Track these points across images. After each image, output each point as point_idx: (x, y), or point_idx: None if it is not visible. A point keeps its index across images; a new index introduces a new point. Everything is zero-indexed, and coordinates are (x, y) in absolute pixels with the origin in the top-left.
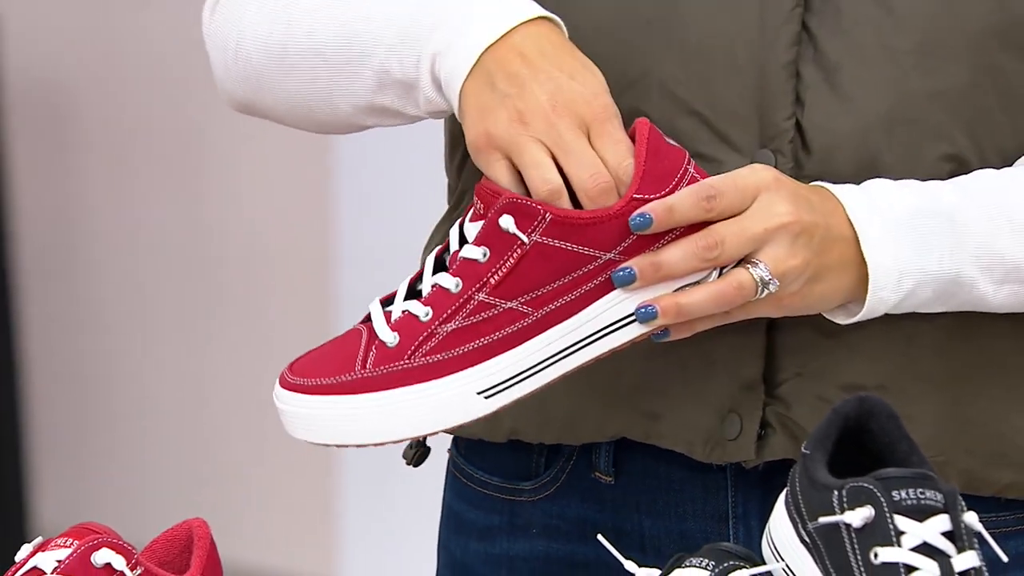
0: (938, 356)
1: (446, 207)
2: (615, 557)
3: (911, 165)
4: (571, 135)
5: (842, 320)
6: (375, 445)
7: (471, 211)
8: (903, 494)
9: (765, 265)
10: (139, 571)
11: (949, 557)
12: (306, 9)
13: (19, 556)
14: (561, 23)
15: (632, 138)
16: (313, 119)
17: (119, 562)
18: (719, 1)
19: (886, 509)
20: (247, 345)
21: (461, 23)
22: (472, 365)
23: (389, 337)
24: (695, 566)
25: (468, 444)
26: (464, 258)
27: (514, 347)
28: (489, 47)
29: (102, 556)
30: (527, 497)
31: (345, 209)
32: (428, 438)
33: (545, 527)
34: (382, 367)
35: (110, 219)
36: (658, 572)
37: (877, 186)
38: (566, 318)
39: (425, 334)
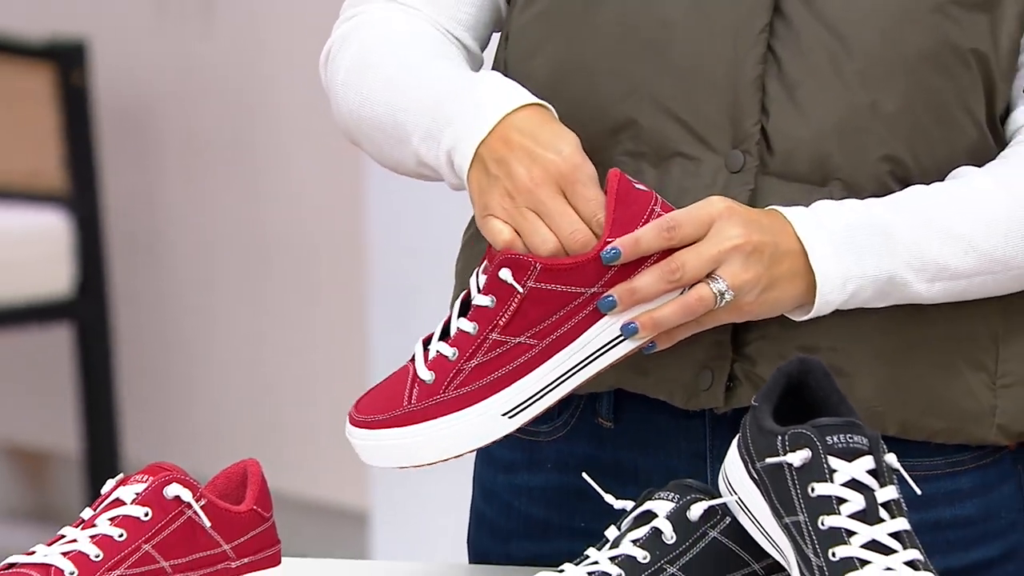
0: (881, 327)
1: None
2: (596, 490)
3: (856, 164)
4: (551, 201)
5: (797, 318)
6: (428, 465)
7: (483, 264)
8: (835, 439)
9: (723, 280)
10: (203, 502)
11: (873, 491)
12: (373, 88)
13: (104, 489)
14: (547, 105)
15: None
16: (398, 171)
17: (186, 495)
18: (701, 27)
19: (821, 451)
20: (294, 314)
21: (465, 120)
22: (495, 392)
23: (427, 376)
24: (663, 498)
25: None
26: (477, 305)
27: (528, 373)
28: (483, 141)
29: (172, 490)
30: (543, 438)
31: (375, 202)
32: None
33: (558, 463)
34: (423, 401)
35: (184, 211)
36: (632, 504)
37: (822, 206)
38: (567, 344)
39: (455, 371)
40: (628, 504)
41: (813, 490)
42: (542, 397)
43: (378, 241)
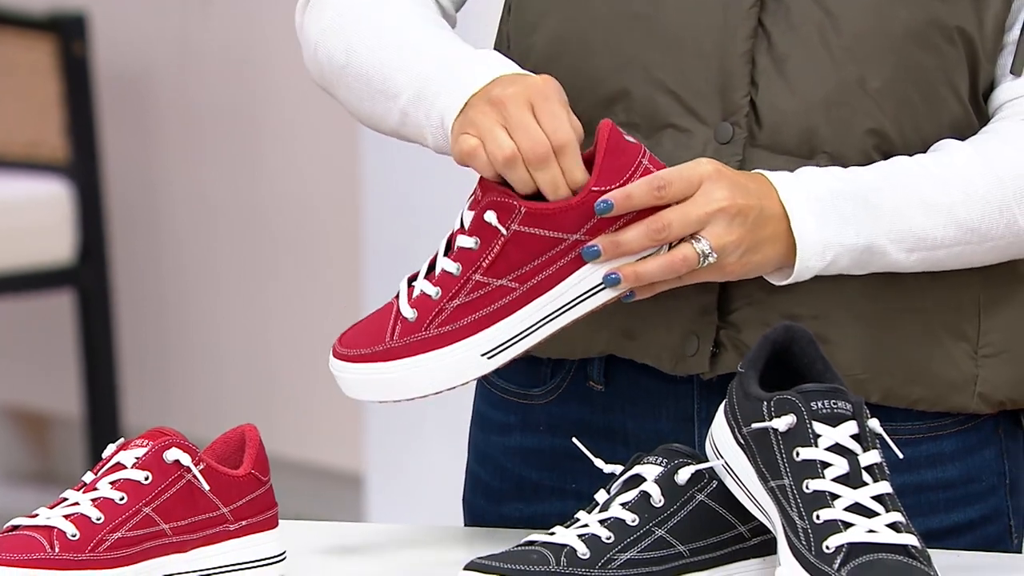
0: (865, 296)
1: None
2: (586, 455)
3: (842, 138)
4: (517, 111)
5: (777, 281)
6: (407, 400)
7: (472, 197)
8: (819, 404)
9: (707, 241)
10: (201, 466)
11: (856, 455)
12: (364, 38)
13: (105, 453)
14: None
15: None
16: (366, 123)
17: (185, 459)
18: (692, 1)
19: (806, 417)
20: (291, 281)
21: (460, 85)
22: (475, 333)
23: (409, 313)
24: (651, 463)
25: None
26: (460, 246)
27: (508, 316)
28: (473, 94)
29: (171, 454)
30: (537, 401)
31: (372, 170)
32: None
33: (550, 425)
34: (405, 338)
35: (183, 180)
36: (620, 467)
37: (807, 172)
38: (548, 289)
39: (437, 310)
40: (617, 468)
41: (798, 454)
42: (521, 339)
43: (375, 209)
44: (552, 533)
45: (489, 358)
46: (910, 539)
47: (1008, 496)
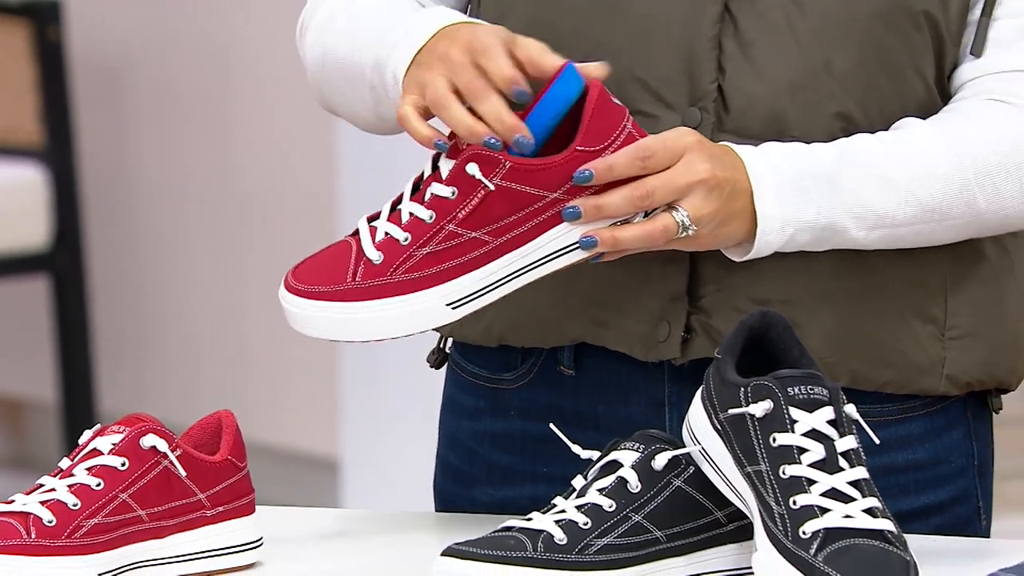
0: (833, 278)
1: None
2: (563, 441)
3: (809, 122)
4: (460, 57)
5: (736, 257)
6: (362, 343)
7: (446, 144)
8: (796, 390)
9: (686, 212)
10: (178, 452)
11: (833, 440)
12: (336, 32)
13: (82, 439)
14: (475, 21)
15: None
16: (365, 126)
17: (162, 445)
18: None
19: (783, 402)
20: (266, 266)
21: (408, 38)
22: (443, 282)
23: (375, 256)
24: (628, 448)
25: (465, 346)
26: (436, 195)
27: (478, 268)
28: (421, 47)
29: (148, 440)
30: (507, 386)
31: (346, 156)
32: (445, 345)
33: (520, 410)
34: (369, 280)
35: (158, 165)
36: (598, 453)
37: (772, 148)
38: (521, 245)
39: (405, 256)
40: (594, 454)
41: (775, 440)
42: (488, 292)
43: (349, 195)
44: (529, 519)
45: (454, 308)
46: (887, 524)
47: (977, 477)
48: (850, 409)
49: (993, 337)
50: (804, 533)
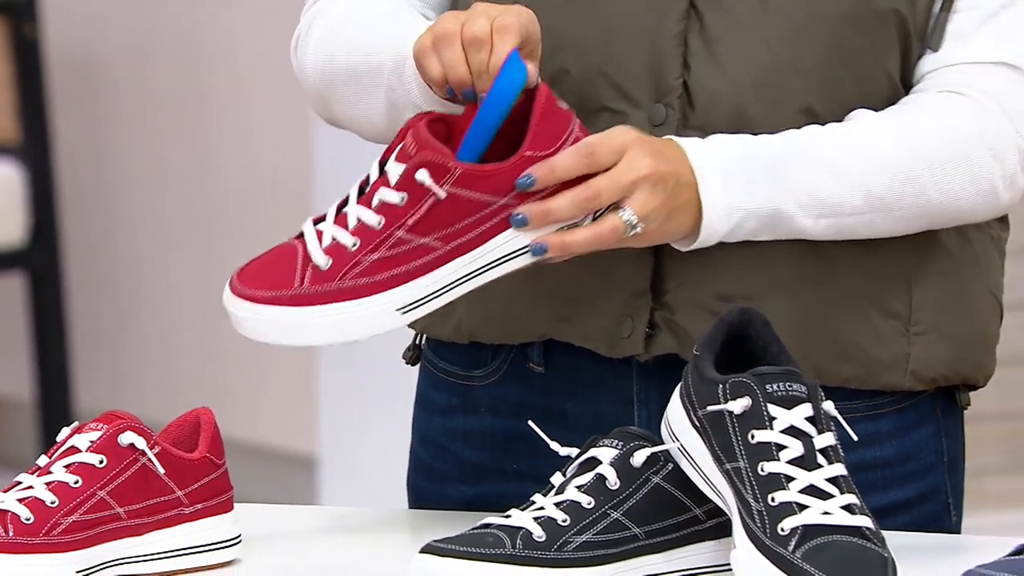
0: (795, 273)
1: None
2: (542, 438)
3: (774, 119)
4: (480, 20)
5: (682, 247)
6: (307, 346)
7: (398, 148)
8: (775, 387)
9: (632, 211)
10: (156, 450)
11: (811, 437)
12: (343, 42)
13: (60, 437)
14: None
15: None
16: (370, 134)
17: (140, 442)
18: None
19: (761, 399)
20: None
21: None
22: (392, 287)
23: (322, 261)
24: (607, 445)
25: (437, 343)
26: (385, 200)
27: (427, 273)
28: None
29: (126, 438)
30: (477, 382)
31: (323, 154)
32: (421, 341)
33: (491, 407)
34: (317, 286)
35: (135, 162)
36: (576, 451)
37: (716, 139)
38: (469, 250)
39: (353, 262)
40: (573, 451)
41: (753, 437)
42: (438, 297)
43: (326, 192)
44: (508, 516)
45: (404, 313)
46: (864, 521)
47: (946, 474)
48: (828, 406)
49: (958, 333)
50: (782, 530)
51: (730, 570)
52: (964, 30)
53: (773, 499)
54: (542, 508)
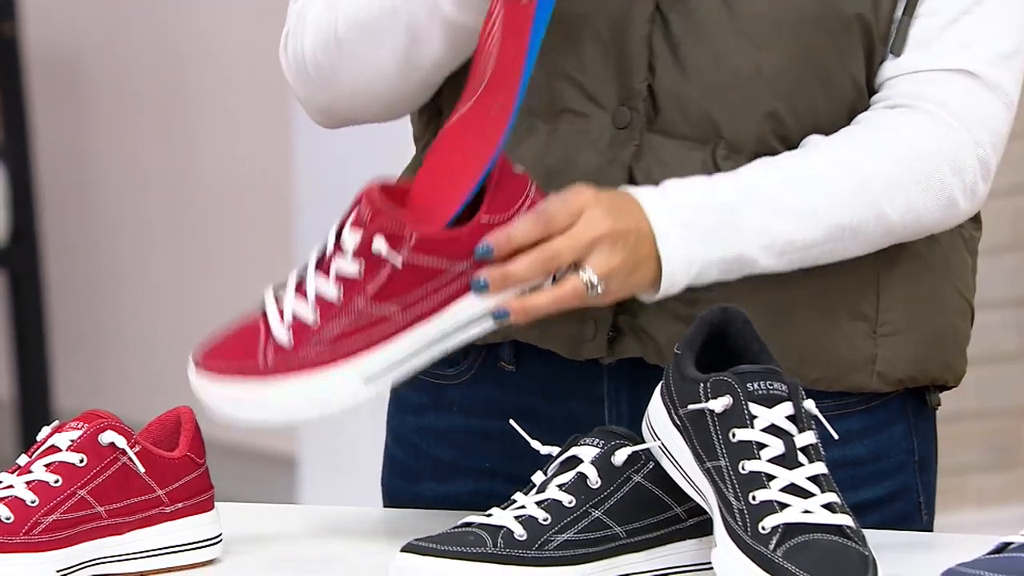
0: (762, 276)
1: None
2: (523, 437)
3: (739, 123)
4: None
5: (646, 299)
6: (280, 423)
7: (353, 213)
8: (755, 386)
9: (591, 270)
10: (137, 449)
11: (792, 436)
12: (346, 6)
13: (40, 436)
14: None
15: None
16: (376, 99)
17: (121, 441)
18: None
19: (742, 398)
20: (223, 262)
21: None
22: (355, 358)
23: (284, 337)
24: (588, 444)
25: None
26: (342, 271)
27: (388, 341)
28: None
29: (107, 437)
30: (449, 381)
31: (304, 152)
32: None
33: (462, 406)
34: (280, 362)
35: (115, 161)
36: (557, 449)
37: (671, 187)
38: (432, 316)
39: (314, 336)
40: (553, 449)
41: (734, 436)
42: (402, 365)
43: (306, 191)
44: (489, 515)
45: (368, 383)
46: (845, 519)
47: (917, 473)
48: (809, 404)
49: (925, 333)
50: (763, 528)
51: (711, 569)
52: (925, 36)
53: (754, 497)
54: (523, 507)
